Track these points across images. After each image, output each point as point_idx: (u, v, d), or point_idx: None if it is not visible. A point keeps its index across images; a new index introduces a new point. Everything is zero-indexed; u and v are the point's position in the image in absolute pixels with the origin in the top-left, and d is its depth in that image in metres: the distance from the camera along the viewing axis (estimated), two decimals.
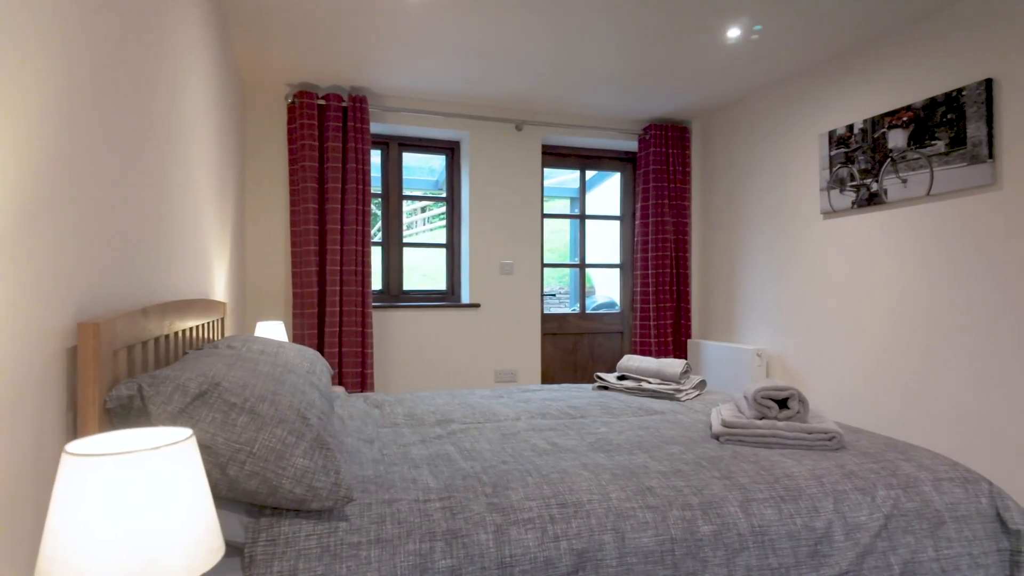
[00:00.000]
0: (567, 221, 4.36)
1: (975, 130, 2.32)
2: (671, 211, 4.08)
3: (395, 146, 3.83)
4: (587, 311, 4.33)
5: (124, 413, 1.04)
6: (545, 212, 4.35)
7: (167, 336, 1.48)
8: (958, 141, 2.38)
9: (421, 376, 3.72)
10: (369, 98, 3.59)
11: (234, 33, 2.74)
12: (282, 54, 3.00)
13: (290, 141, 3.41)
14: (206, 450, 1.04)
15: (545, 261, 4.32)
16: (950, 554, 1.37)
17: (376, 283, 3.80)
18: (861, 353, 2.86)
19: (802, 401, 1.69)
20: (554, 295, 4.58)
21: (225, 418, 1.07)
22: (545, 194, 4.58)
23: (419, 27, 2.68)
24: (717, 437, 1.70)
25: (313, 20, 2.60)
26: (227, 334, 2.67)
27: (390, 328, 3.65)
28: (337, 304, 3.36)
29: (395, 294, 3.81)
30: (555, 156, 4.22)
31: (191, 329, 1.78)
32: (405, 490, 1.24)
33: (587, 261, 4.34)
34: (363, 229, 3.43)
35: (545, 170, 4.30)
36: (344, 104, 3.42)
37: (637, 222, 4.12)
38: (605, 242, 4.52)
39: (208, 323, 2.07)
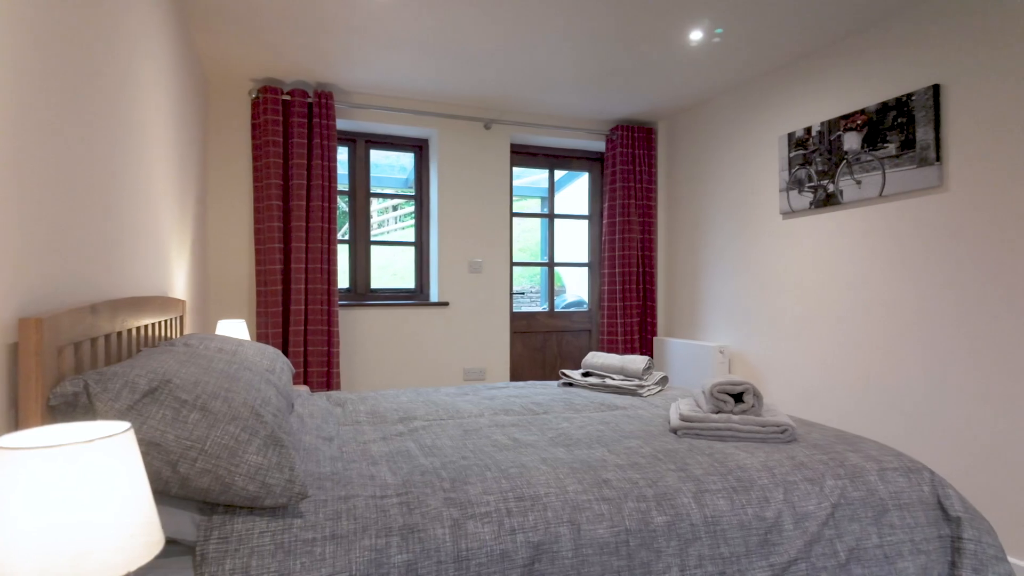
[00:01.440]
0: (540, 220, 4.38)
1: (924, 134, 2.40)
2: (637, 211, 4.14)
3: (362, 143, 3.81)
4: (556, 309, 4.36)
5: (69, 411, 1.02)
6: (515, 211, 4.36)
7: (119, 334, 1.45)
8: (908, 144, 2.47)
9: (389, 375, 3.70)
10: (336, 94, 3.56)
11: (195, 26, 2.69)
12: (246, 49, 2.95)
13: (254, 137, 3.36)
14: (156, 448, 1.02)
15: (515, 260, 4.34)
16: (893, 540, 1.43)
17: (343, 282, 3.77)
18: (818, 349, 2.94)
19: (756, 395, 1.74)
20: (523, 293, 4.60)
21: (176, 415, 1.06)
22: (517, 193, 4.60)
23: (386, 23, 2.67)
24: (675, 431, 1.74)
25: (277, 15, 2.57)
26: (187, 332, 2.62)
27: (357, 327, 3.63)
28: (302, 303, 3.33)
29: (362, 293, 3.78)
30: (524, 155, 4.23)
31: (146, 327, 1.74)
32: (362, 486, 1.24)
33: (557, 260, 4.37)
34: (329, 227, 3.40)
35: (516, 169, 4.32)
36: (309, 100, 3.38)
37: (604, 222, 4.17)
38: (575, 241, 4.56)
39: (165, 321, 2.03)
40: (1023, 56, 2.13)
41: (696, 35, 2.75)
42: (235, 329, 2.70)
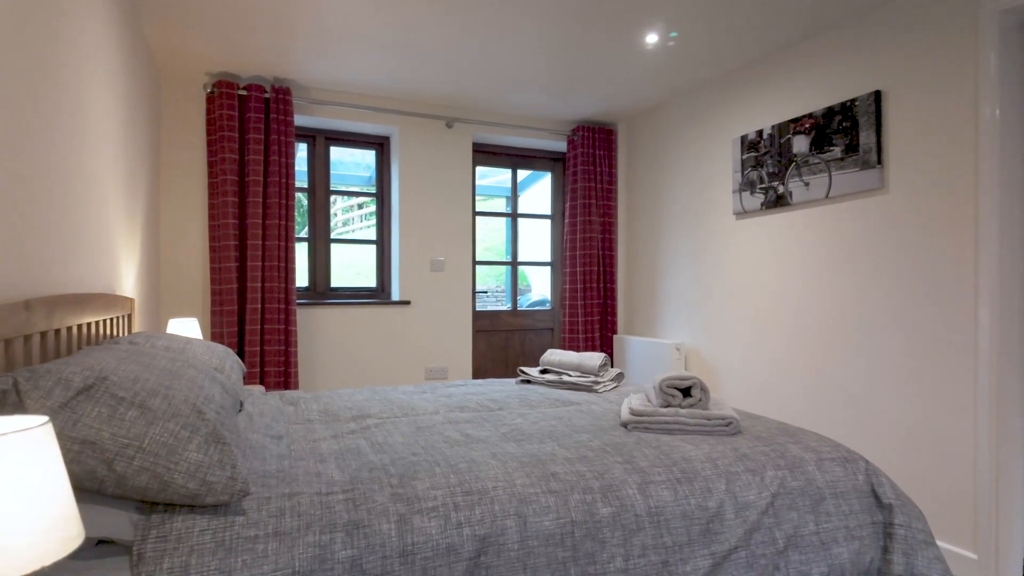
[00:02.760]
0: (506, 220, 4.40)
1: (866, 138, 2.50)
2: (598, 210, 4.19)
3: (322, 140, 3.76)
4: (519, 308, 4.38)
5: None
6: (481, 210, 4.38)
7: (57, 331, 1.41)
8: (852, 148, 2.56)
9: (349, 374, 3.67)
10: (294, 90, 3.51)
11: (147, 18, 2.62)
12: (200, 42, 2.89)
13: (209, 132, 3.29)
14: (91, 446, 1.00)
15: (479, 259, 4.34)
16: (829, 527, 1.49)
17: (302, 280, 3.72)
18: (769, 345, 3.03)
19: (704, 389, 1.79)
20: (486, 292, 4.61)
21: (112, 413, 1.04)
22: (483, 193, 4.60)
23: (345, 19, 2.64)
24: (625, 425, 1.77)
25: (232, 7, 2.53)
26: (135, 331, 2.55)
27: (316, 326, 3.58)
28: (258, 301, 3.27)
29: (322, 291, 3.74)
30: (487, 154, 4.25)
31: (89, 325, 1.70)
32: (308, 483, 1.24)
33: (522, 259, 4.40)
34: (287, 224, 3.35)
35: (483, 169, 4.33)
36: (267, 95, 3.33)
37: (566, 221, 4.21)
38: (540, 241, 4.59)
39: (111, 319, 1.98)
40: (955, 66, 2.24)
41: (652, 38, 2.81)
42: (187, 328, 2.64)
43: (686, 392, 1.81)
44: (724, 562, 1.36)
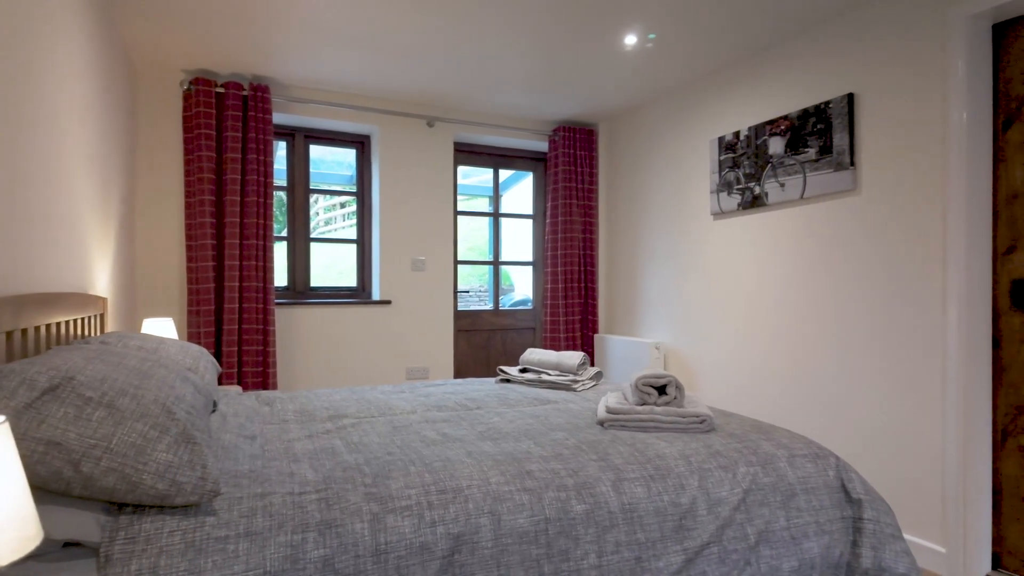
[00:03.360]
0: (488, 220, 4.40)
1: (840, 140, 2.55)
2: (579, 210, 4.21)
3: (301, 138, 3.73)
4: (501, 308, 4.39)
5: None
6: (466, 210, 4.37)
7: (24, 331, 1.39)
8: (826, 149, 2.60)
9: (330, 375, 3.64)
10: (273, 88, 3.48)
11: (121, 13, 2.58)
12: (176, 39, 2.85)
13: (186, 130, 3.25)
14: (56, 447, 0.99)
15: (465, 258, 4.34)
16: (799, 522, 1.51)
17: (281, 279, 3.69)
18: (747, 344, 3.07)
19: (679, 387, 1.81)
20: (468, 292, 4.60)
21: (79, 413, 1.03)
22: (467, 192, 4.59)
23: (324, 17, 2.63)
24: (601, 423, 1.78)
25: (209, 3, 2.50)
26: (108, 331, 2.51)
27: (296, 326, 3.56)
28: (236, 301, 3.24)
29: (301, 291, 3.71)
30: (468, 154, 4.25)
31: (59, 325, 1.67)
32: (280, 483, 1.23)
33: (505, 259, 4.41)
34: (265, 223, 3.32)
35: (466, 169, 4.32)
36: (245, 93, 3.29)
37: (547, 221, 4.22)
38: (523, 241, 4.60)
39: (83, 319, 1.95)
40: (924, 70, 2.28)
41: (630, 39, 2.83)
42: (162, 328, 2.61)
43: (661, 390, 1.83)
44: (696, 558, 1.37)
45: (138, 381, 1.16)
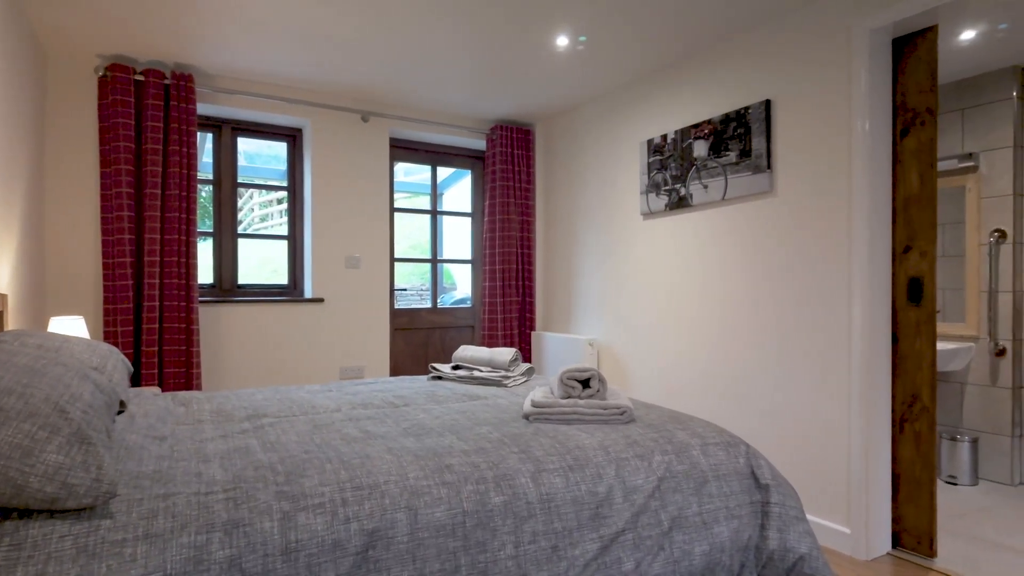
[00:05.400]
0: (429, 217, 4.37)
1: (758, 144, 2.67)
2: (517, 209, 4.25)
3: (228, 130, 3.60)
4: (440, 306, 4.37)
5: None
6: (405, 207, 4.32)
7: None
8: (745, 153, 2.73)
9: (259, 375, 3.53)
10: (197, 77, 3.35)
11: None
12: (90, 22, 2.70)
13: (101, 119, 3.08)
14: None
15: (402, 256, 4.29)
16: (711, 508, 1.58)
17: (207, 277, 3.55)
18: (674, 339, 3.18)
19: (602, 380, 1.85)
20: (405, 290, 4.56)
21: None
22: (407, 189, 4.54)
23: (251, 6, 2.55)
24: (527, 416, 1.81)
25: None
26: (8, 329, 2.36)
27: (223, 325, 3.43)
28: (156, 299, 3.10)
29: (228, 288, 3.59)
30: (405, 150, 4.21)
31: None
32: (186, 484, 1.19)
33: (447, 257, 4.39)
34: (188, 217, 3.19)
35: (408, 166, 4.27)
36: (167, 81, 3.15)
37: (485, 219, 4.24)
38: (465, 239, 4.59)
39: None
40: (832, 80, 2.43)
41: (562, 41, 2.87)
42: (71, 327, 2.46)
43: (585, 383, 1.87)
44: (612, 544, 1.41)
45: (28, 380, 1.10)
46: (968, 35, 2.79)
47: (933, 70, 2.25)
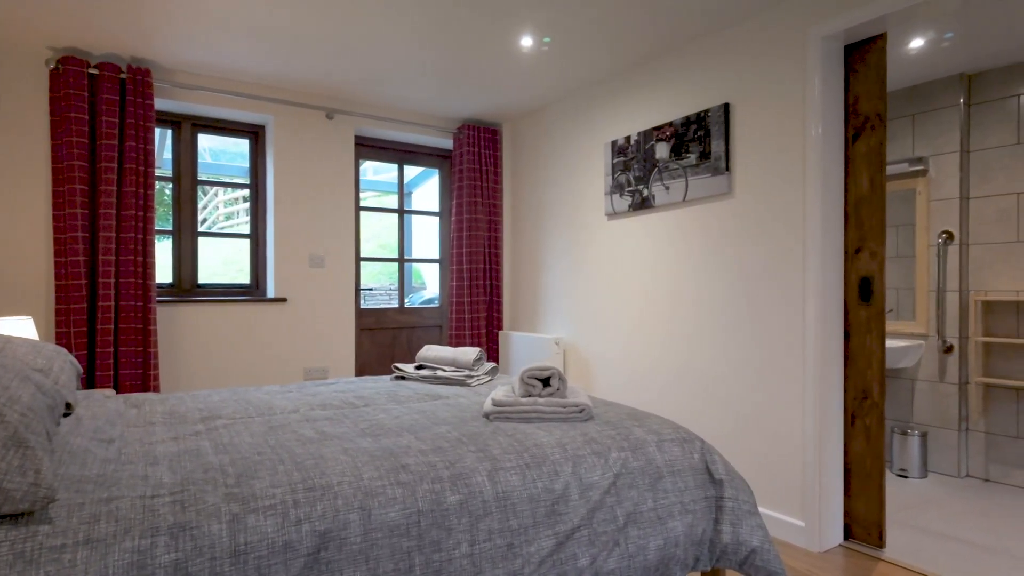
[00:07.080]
0: (396, 216, 4.34)
1: (717, 146, 2.73)
2: (484, 209, 4.25)
3: (188, 126, 3.53)
4: (408, 305, 4.35)
5: None
6: (373, 205, 4.29)
7: None
8: (705, 155, 2.78)
9: (220, 377, 3.47)
10: (155, 72, 3.27)
11: None
12: (39, 13, 2.61)
13: (53, 113, 2.98)
14: None
15: (367, 255, 4.26)
16: (665, 503, 1.61)
17: (165, 276, 3.47)
18: (637, 338, 3.22)
19: (561, 379, 1.87)
20: (372, 289, 4.53)
21: None
22: (376, 188, 4.51)
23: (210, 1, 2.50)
24: (487, 415, 1.82)
25: None
26: None
27: (182, 326, 3.36)
28: (112, 298, 3.01)
29: (188, 288, 3.51)
30: (371, 148, 4.17)
31: None
32: (131, 487, 1.17)
33: (415, 256, 4.36)
34: (145, 215, 3.11)
35: (377, 164, 4.24)
36: (123, 76, 3.07)
37: (453, 219, 4.23)
38: (432, 238, 4.58)
39: None
40: (787, 85, 2.49)
41: (527, 41, 2.89)
42: (18, 327, 2.39)
43: (546, 382, 1.89)
44: (567, 541, 1.43)
45: None
46: (917, 43, 2.89)
47: (883, 77, 2.33)
